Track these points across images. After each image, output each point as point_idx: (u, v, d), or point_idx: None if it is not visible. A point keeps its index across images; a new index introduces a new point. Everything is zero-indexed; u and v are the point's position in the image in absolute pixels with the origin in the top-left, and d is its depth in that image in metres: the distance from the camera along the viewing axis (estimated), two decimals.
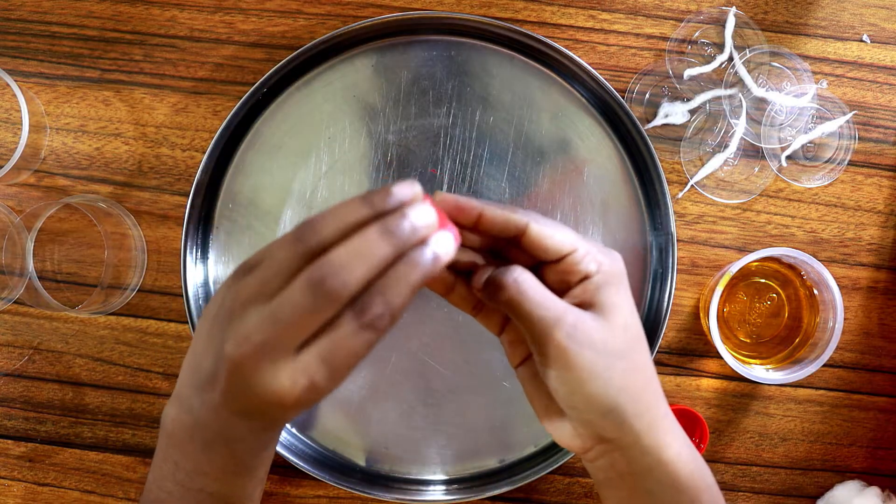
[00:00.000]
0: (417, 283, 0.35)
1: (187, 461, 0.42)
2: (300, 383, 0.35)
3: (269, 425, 0.40)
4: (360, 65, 0.58)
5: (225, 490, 0.42)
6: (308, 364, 0.35)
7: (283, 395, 0.35)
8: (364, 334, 0.35)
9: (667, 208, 0.57)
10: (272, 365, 0.35)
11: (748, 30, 0.60)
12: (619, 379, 0.40)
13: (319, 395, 0.36)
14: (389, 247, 0.35)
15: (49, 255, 0.60)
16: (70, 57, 0.60)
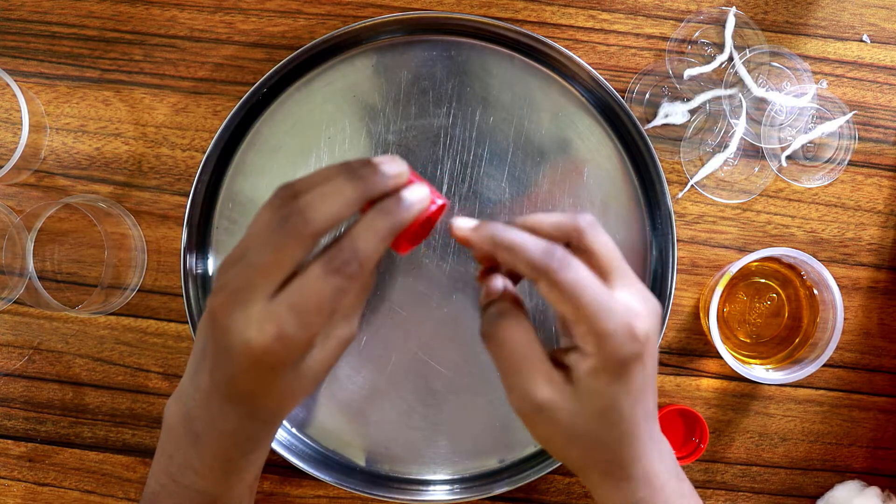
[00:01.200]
0: (386, 230, 0.36)
1: (179, 454, 0.42)
2: (268, 331, 0.35)
3: (254, 410, 0.40)
4: (360, 65, 0.58)
5: (212, 489, 0.42)
6: (277, 311, 0.36)
7: (253, 343, 0.36)
8: (331, 279, 0.35)
9: (667, 208, 0.57)
10: (243, 311, 0.36)
11: (748, 30, 0.60)
12: (578, 452, 0.40)
13: (290, 346, 0.36)
14: (355, 190, 0.36)
15: (49, 255, 0.60)
16: (70, 57, 0.60)
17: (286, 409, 0.41)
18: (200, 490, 0.42)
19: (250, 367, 0.37)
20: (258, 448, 0.43)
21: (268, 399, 0.40)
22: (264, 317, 0.36)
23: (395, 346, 0.58)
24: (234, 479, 0.43)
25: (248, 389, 0.39)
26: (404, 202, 0.37)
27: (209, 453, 0.41)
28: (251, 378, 0.38)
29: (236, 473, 0.43)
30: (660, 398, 0.60)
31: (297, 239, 0.36)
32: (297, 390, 0.40)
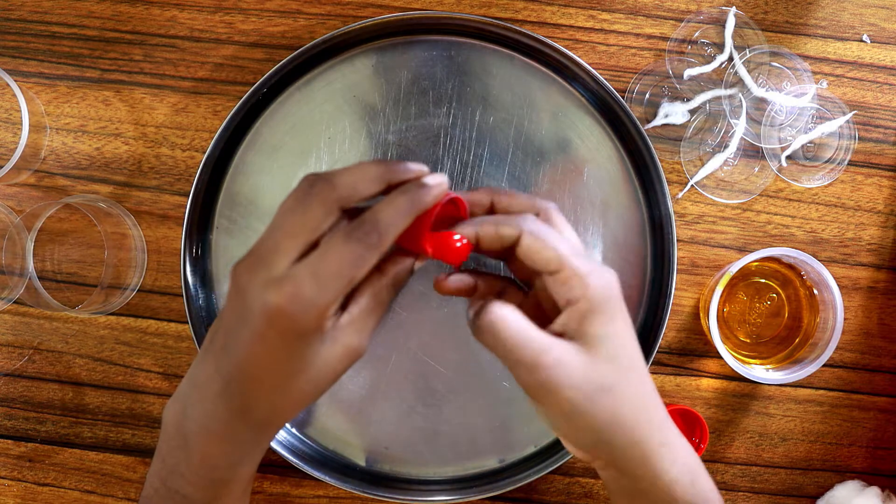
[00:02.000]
0: (405, 206, 0.38)
1: (171, 457, 0.42)
2: (286, 290, 0.36)
3: (248, 405, 0.39)
4: (360, 65, 0.58)
5: (199, 497, 0.42)
6: (296, 272, 0.37)
7: (270, 302, 0.36)
8: (351, 245, 0.37)
9: (667, 208, 0.57)
10: (266, 271, 0.37)
11: (748, 30, 0.60)
12: (604, 413, 0.39)
13: (305, 309, 0.36)
14: (379, 169, 0.39)
15: (49, 255, 0.60)
16: (70, 57, 0.60)
17: (278, 415, 0.40)
18: (188, 496, 0.42)
19: (264, 332, 0.37)
20: (245, 460, 0.42)
21: (265, 390, 0.39)
22: (283, 277, 0.37)
23: (395, 346, 0.58)
24: (221, 490, 0.42)
25: (250, 373, 0.38)
26: (424, 184, 0.39)
27: (196, 459, 0.41)
28: (260, 349, 0.38)
29: (223, 485, 0.42)
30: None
31: (321, 203, 0.37)
32: (295, 390, 0.39)
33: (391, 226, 0.38)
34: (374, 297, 0.40)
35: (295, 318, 0.37)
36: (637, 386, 0.41)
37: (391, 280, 0.41)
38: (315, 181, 0.38)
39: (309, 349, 0.38)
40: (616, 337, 0.40)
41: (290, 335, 0.37)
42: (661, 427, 0.42)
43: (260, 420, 0.41)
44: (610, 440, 0.40)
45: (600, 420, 0.39)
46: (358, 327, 0.40)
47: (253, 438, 0.41)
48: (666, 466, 0.41)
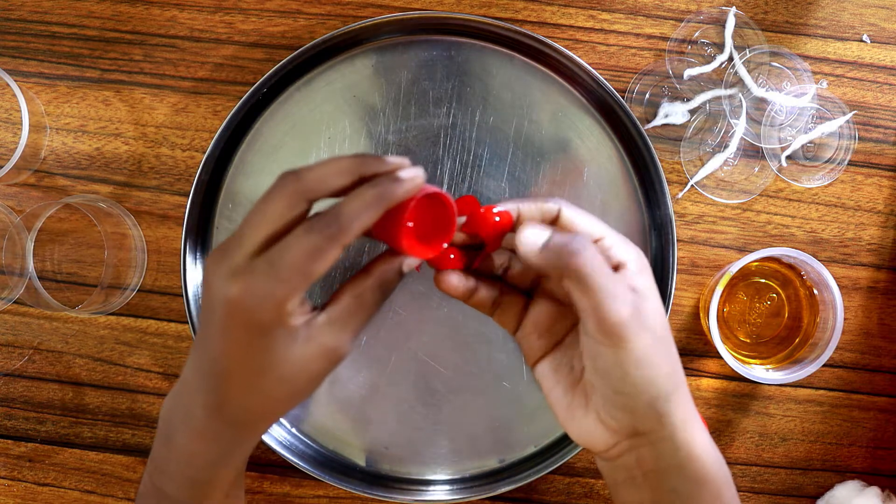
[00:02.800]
0: (373, 201, 0.37)
1: (158, 456, 0.42)
2: (240, 281, 0.36)
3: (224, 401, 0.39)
4: (360, 65, 0.58)
5: (181, 498, 0.42)
6: (255, 264, 0.36)
7: (228, 295, 0.36)
8: (309, 236, 0.36)
9: (667, 208, 0.57)
10: (226, 263, 0.37)
11: (748, 30, 0.60)
12: (666, 366, 0.39)
13: (260, 302, 0.36)
14: (352, 163, 0.38)
15: (49, 255, 0.60)
16: (70, 57, 0.60)
17: (253, 414, 0.40)
18: (170, 495, 0.42)
19: (226, 325, 0.37)
20: (224, 461, 0.41)
21: (236, 386, 0.38)
22: (241, 269, 0.36)
23: (395, 346, 0.58)
24: (202, 491, 0.42)
25: (220, 368, 0.38)
26: (396, 177, 0.38)
27: (177, 456, 0.41)
28: (225, 344, 0.37)
29: (203, 485, 0.41)
30: None
31: (286, 195, 0.37)
32: (267, 389, 0.38)
33: (354, 218, 0.37)
34: (357, 297, 0.39)
35: (252, 311, 0.36)
36: (673, 344, 0.41)
37: (376, 281, 0.40)
38: (285, 175, 0.38)
39: (275, 345, 0.37)
40: (658, 295, 0.40)
41: (251, 329, 0.37)
42: (682, 386, 0.40)
43: (235, 419, 0.40)
44: (665, 396, 0.39)
45: (663, 372, 0.39)
46: (337, 328, 0.39)
47: (231, 438, 0.40)
48: (699, 432, 0.40)
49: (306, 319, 0.38)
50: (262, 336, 0.37)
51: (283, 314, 0.37)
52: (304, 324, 0.38)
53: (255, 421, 0.41)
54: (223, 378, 0.38)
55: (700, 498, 0.40)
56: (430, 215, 0.41)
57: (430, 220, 0.41)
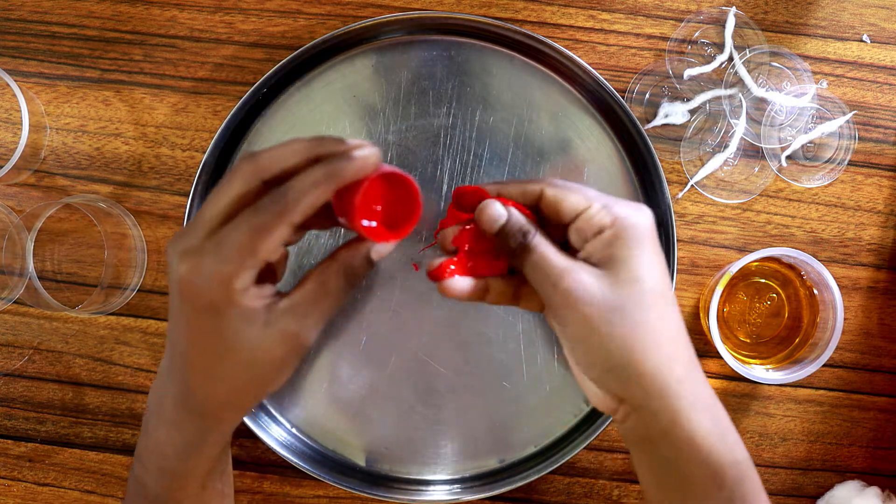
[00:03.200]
0: (321, 179, 0.36)
1: (138, 446, 0.43)
2: (191, 260, 0.36)
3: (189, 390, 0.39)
4: (360, 65, 0.58)
5: (153, 488, 0.42)
6: (203, 244, 0.36)
7: (179, 274, 0.36)
8: (255, 214, 0.36)
9: (667, 208, 0.57)
10: (180, 244, 0.37)
11: (748, 30, 0.60)
12: (621, 336, 0.38)
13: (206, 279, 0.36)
14: (308, 143, 0.37)
15: (49, 255, 0.60)
16: (70, 57, 0.60)
17: (217, 402, 0.39)
18: (146, 486, 0.42)
19: (180, 306, 0.37)
20: (193, 452, 0.41)
21: (198, 372, 0.38)
22: (193, 248, 0.36)
23: (395, 346, 0.58)
24: (174, 483, 0.42)
25: (181, 352, 0.38)
26: (347, 156, 0.37)
27: (151, 447, 0.41)
28: (182, 326, 0.38)
29: (174, 477, 0.41)
30: None
31: (239, 175, 0.37)
32: (228, 374, 0.38)
33: (300, 195, 0.36)
34: (322, 283, 0.39)
35: (199, 290, 0.36)
36: (658, 314, 0.39)
37: (341, 267, 0.39)
38: (243, 156, 0.38)
39: (229, 326, 0.37)
40: (640, 262, 0.39)
41: (201, 309, 0.37)
42: (684, 363, 0.40)
43: (201, 407, 0.39)
44: (624, 365, 0.39)
45: (614, 343, 0.38)
46: (299, 312, 0.38)
47: (198, 427, 0.40)
48: (685, 405, 0.39)
49: (266, 303, 0.37)
50: (213, 316, 0.37)
51: (232, 293, 0.36)
52: (263, 307, 0.37)
53: (221, 410, 0.40)
54: (186, 363, 0.38)
55: (697, 474, 0.39)
56: (397, 200, 0.40)
57: (397, 205, 0.40)
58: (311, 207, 0.36)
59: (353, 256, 0.39)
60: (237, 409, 0.41)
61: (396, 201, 0.40)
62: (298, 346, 0.38)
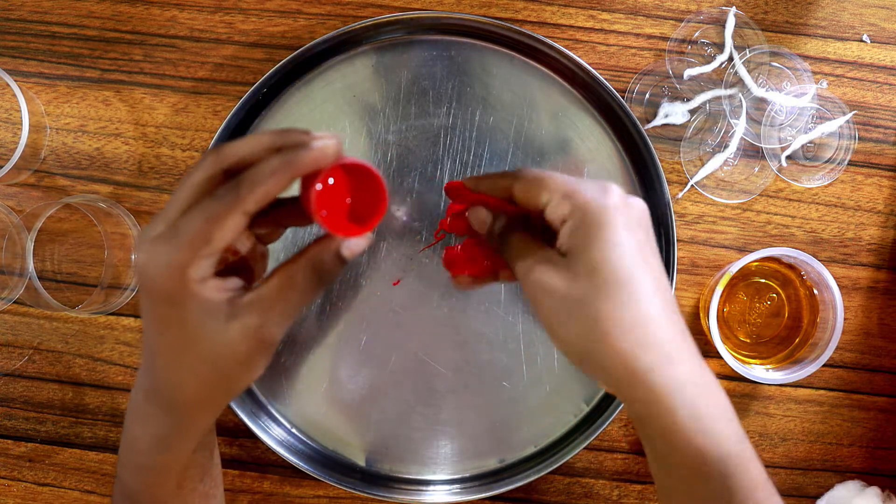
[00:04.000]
0: (277, 168, 0.36)
1: (120, 443, 0.43)
2: (148, 248, 0.36)
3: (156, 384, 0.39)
4: (360, 65, 0.58)
5: (132, 484, 0.42)
6: (162, 232, 0.36)
7: (139, 263, 0.36)
8: (210, 202, 0.36)
9: (667, 208, 0.57)
10: (146, 234, 0.37)
11: (748, 30, 0.60)
12: (582, 330, 0.38)
13: (161, 267, 0.36)
14: (271, 136, 0.37)
15: (49, 255, 0.60)
16: (70, 57, 0.60)
17: (183, 396, 0.39)
18: (125, 482, 0.42)
19: (142, 297, 0.37)
20: (164, 447, 0.41)
21: (162, 364, 0.38)
22: (150, 237, 0.36)
23: (395, 346, 0.58)
24: (150, 479, 0.41)
25: (148, 343, 0.38)
26: (305, 146, 0.36)
27: (126, 443, 0.41)
28: (146, 317, 0.38)
29: (149, 473, 0.41)
30: None
31: (204, 167, 0.37)
32: (192, 367, 0.37)
33: (253, 184, 0.35)
34: (288, 278, 0.37)
35: (155, 278, 0.36)
36: (618, 302, 0.37)
37: (309, 262, 0.38)
38: (208, 150, 0.38)
39: (189, 317, 0.36)
40: (598, 250, 0.38)
41: (159, 298, 0.36)
42: (656, 349, 0.38)
43: (167, 402, 0.39)
44: (589, 357, 0.38)
45: (573, 332, 0.38)
46: (263, 307, 0.37)
47: (166, 423, 0.40)
48: (657, 396, 0.38)
49: (229, 297, 0.37)
50: (172, 306, 0.36)
51: (187, 282, 0.36)
52: (226, 301, 0.37)
53: (188, 405, 0.39)
54: (152, 355, 0.38)
55: (676, 466, 0.39)
56: (363, 193, 0.39)
57: (363, 199, 0.39)
58: (265, 196, 0.36)
59: (322, 252, 0.38)
60: (205, 406, 0.40)
61: (363, 195, 0.39)
62: (262, 342, 0.37)
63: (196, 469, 0.43)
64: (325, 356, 0.58)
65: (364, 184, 0.38)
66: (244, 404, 0.58)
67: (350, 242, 0.38)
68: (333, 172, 0.37)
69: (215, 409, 0.41)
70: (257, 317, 0.37)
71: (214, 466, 0.46)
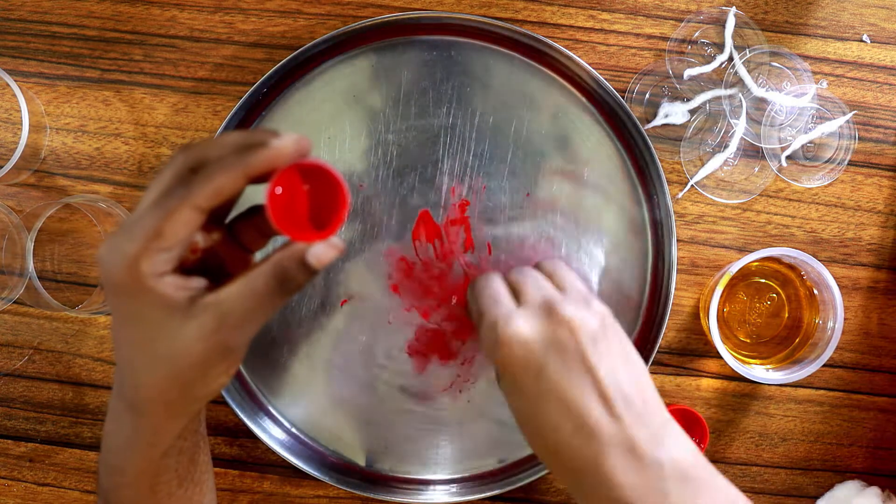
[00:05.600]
0: (231, 164, 0.35)
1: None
2: (106, 242, 0.36)
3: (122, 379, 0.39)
4: (360, 65, 0.58)
5: (104, 482, 0.43)
6: (124, 225, 0.36)
7: (98, 254, 0.37)
8: (165, 198, 0.36)
9: (667, 208, 0.57)
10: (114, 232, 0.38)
11: (748, 30, 0.60)
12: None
13: (115, 259, 0.36)
14: (237, 136, 0.37)
15: (49, 255, 0.60)
16: (70, 57, 0.60)
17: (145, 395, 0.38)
18: (100, 480, 0.43)
19: (105, 290, 0.37)
20: (132, 447, 0.40)
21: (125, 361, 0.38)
22: (114, 232, 0.37)
23: (396, 345, 0.58)
24: (115, 479, 0.41)
25: (113, 336, 0.39)
26: (263, 145, 0.35)
27: (103, 441, 0.42)
28: (111, 308, 0.38)
29: (117, 472, 0.41)
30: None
31: (173, 165, 0.37)
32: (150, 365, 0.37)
33: (206, 179, 0.35)
34: (248, 282, 0.37)
35: (109, 269, 0.36)
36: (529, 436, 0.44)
37: (271, 268, 0.37)
38: (179, 148, 0.38)
39: (145, 314, 0.36)
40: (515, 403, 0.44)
41: (114, 290, 0.36)
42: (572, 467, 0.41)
43: (129, 399, 0.39)
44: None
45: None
46: (221, 310, 0.36)
47: (130, 422, 0.40)
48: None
49: (190, 296, 0.36)
50: (128, 298, 0.36)
51: (140, 275, 0.35)
52: (186, 300, 0.36)
53: (147, 403, 0.39)
54: (117, 347, 0.39)
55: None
56: (326, 197, 0.37)
57: (326, 203, 0.37)
58: (216, 192, 0.35)
59: (283, 259, 0.37)
60: (166, 408, 0.39)
61: (324, 199, 0.37)
62: (220, 346, 0.37)
63: (170, 474, 0.42)
64: (325, 356, 0.58)
65: (326, 187, 0.37)
66: (244, 404, 0.58)
67: (316, 250, 0.37)
68: (291, 174, 0.36)
69: (177, 413, 0.40)
70: (214, 319, 0.36)
71: (201, 472, 0.45)
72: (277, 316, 0.58)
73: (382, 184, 0.57)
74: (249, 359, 0.58)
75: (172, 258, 0.36)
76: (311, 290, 0.58)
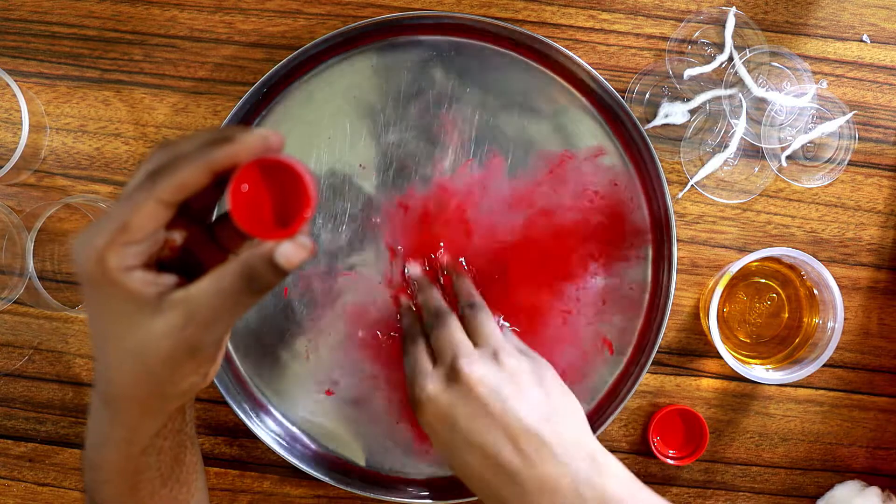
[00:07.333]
0: (195, 158, 0.35)
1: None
2: (76, 238, 0.36)
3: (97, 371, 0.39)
4: (360, 65, 0.58)
5: (86, 475, 0.43)
6: (89, 226, 0.36)
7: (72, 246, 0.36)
8: (134, 192, 0.35)
9: (667, 208, 0.57)
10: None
11: (748, 30, 0.60)
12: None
13: (81, 248, 0.35)
14: (210, 132, 0.37)
15: (49, 255, 0.60)
16: (70, 57, 0.60)
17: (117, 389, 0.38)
18: (84, 477, 0.43)
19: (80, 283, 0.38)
20: (108, 443, 0.40)
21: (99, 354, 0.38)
22: (85, 227, 0.37)
23: (396, 344, 0.58)
24: (94, 475, 0.41)
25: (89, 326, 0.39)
26: (228, 140, 0.35)
27: (86, 437, 0.42)
28: (85, 300, 0.39)
29: (94, 469, 0.41)
30: (660, 398, 0.60)
31: (148, 161, 0.37)
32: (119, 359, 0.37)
33: (168, 172, 0.35)
34: (216, 280, 0.36)
35: (78, 261, 0.36)
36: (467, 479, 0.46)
37: (239, 266, 0.36)
38: (156, 145, 0.38)
39: (113, 308, 0.36)
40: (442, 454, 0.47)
41: (84, 282, 0.36)
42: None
43: (103, 393, 0.39)
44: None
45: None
46: (189, 307, 0.36)
47: (105, 417, 0.39)
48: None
49: (159, 291, 0.36)
50: (97, 290, 0.36)
51: (107, 268, 0.35)
52: (155, 295, 0.36)
53: (119, 399, 0.39)
54: (92, 342, 0.39)
55: None
56: (291, 194, 0.35)
57: (292, 200, 0.36)
58: (179, 186, 0.35)
59: (252, 257, 0.36)
60: (138, 404, 0.39)
61: (291, 197, 0.35)
62: (187, 343, 0.36)
63: (151, 472, 0.42)
64: (324, 356, 0.58)
65: (293, 185, 0.35)
66: (244, 404, 0.58)
67: (285, 251, 0.35)
68: (255, 171, 0.35)
69: (150, 411, 0.39)
70: (181, 316, 0.36)
71: (188, 473, 0.45)
72: (279, 316, 0.58)
73: (382, 185, 0.58)
74: (249, 359, 0.58)
75: (140, 252, 0.36)
76: (314, 292, 0.58)
